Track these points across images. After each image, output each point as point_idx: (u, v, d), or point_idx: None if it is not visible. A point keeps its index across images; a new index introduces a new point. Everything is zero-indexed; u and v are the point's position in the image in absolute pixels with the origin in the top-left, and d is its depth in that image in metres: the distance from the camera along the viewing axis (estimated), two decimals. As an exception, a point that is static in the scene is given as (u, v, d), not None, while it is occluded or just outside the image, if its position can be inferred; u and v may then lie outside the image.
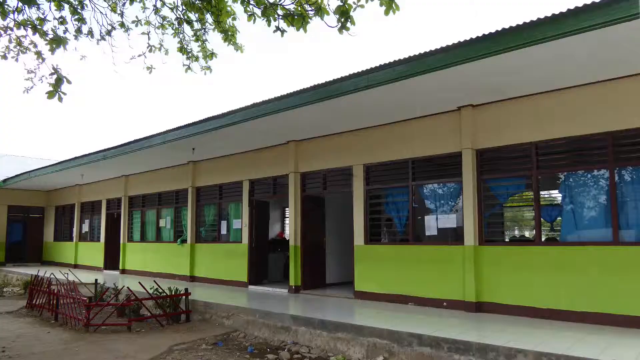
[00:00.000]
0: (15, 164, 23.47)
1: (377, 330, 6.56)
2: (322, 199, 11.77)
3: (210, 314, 9.26)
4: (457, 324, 6.94)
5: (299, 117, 9.26)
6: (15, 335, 8.32)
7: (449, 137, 8.58)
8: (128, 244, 17.04)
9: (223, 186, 13.45)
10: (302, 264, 11.00)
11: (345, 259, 11.77)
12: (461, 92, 7.72)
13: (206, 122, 10.31)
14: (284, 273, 13.22)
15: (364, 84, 7.44)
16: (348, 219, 10.37)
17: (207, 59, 6.88)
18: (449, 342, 5.90)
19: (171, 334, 8.34)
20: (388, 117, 9.21)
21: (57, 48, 5.64)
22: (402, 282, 8.95)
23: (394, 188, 9.58)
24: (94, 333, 8.43)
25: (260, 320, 8.20)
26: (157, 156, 13.62)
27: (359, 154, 9.99)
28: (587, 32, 5.44)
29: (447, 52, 6.49)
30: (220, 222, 13.44)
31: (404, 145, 9.25)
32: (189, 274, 13.87)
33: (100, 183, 18.98)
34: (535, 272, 7.41)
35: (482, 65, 6.48)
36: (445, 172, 8.87)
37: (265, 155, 12.16)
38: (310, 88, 8.21)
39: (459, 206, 8.59)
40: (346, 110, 8.87)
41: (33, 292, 11.24)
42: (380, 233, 10.16)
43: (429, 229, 8.92)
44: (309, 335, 7.33)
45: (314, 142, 10.98)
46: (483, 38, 6.16)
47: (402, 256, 9.05)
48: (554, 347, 5.41)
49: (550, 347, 5.44)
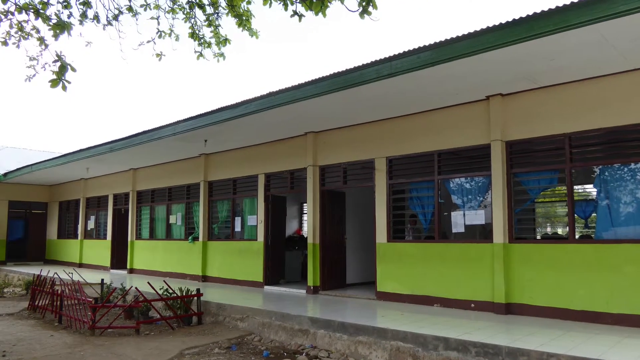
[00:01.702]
0: (16, 157, 24.16)
1: (401, 333, 6.78)
2: (342, 193, 12.15)
3: (224, 316, 9.57)
4: (485, 326, 7.15)
5: (318, 107, 9.62)
6: (16, 339, 8.50)
7: (477, 128, 8.88)
8: (136, 241, 17.67)
9: (237, 180, 13.92)
10: (321, 263, 11.38)
11: (366, 258, 12.13)
12: (490, 80, 7.98)
13: (219, 113, 10.70)
14: (302, 272, 13.66)
15: (387, 72, 7.73)
16: (370, 215, 10.71)
17: (220, 45, 7.03)
18: (477, 345, 6.08)
19: (182, 337, 8.56)
20: (412, 107, 9.53)
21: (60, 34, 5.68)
22: (427, 282, 9.29)
23: (418, 182, 9.93)
24: (100, 336, 8.65)
25: (276, 323, 8.48)
26: (167, 148, 14.10)
27: (381, 146, 10.34)
28: (633, 14, 5.50)
29: (476, 38, 6.73)
30: (234, 218, 13.92)
31: (429, 136, 9.57)
32: (200, 273, 14.39)
33: (107, 177, 19.64)
34: (568, 271, 7.68)
35: (513, 51, 6.72)
36: (473, 165, 9.19)
37: (281, 147, 12.57)
38: (329, 76, 8.53)
39: (488, 201, 8.91)
40: (368, 100, 9.19)
41: (35, 292, 11.59)
42: (403, 230, 10.53)
43: (456, 225, 9.24)
44: (329, 339, 7.57)
45: (334, 134, 11.34)
46: (514, 23, 6.38)
47: (427, 255, 9.39)
48: (589, 352, 5.59)
49: (585, 351, 5.62)
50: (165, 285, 10.18)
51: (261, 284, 12.66)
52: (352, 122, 10.82)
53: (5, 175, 21.07)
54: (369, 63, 7.95)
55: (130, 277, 16.03)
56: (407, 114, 9.92)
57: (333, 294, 11.04)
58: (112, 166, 17.76)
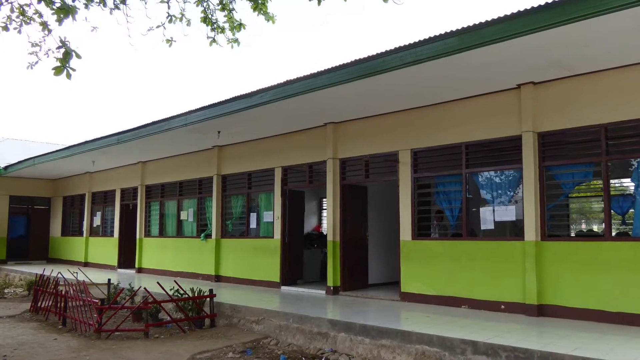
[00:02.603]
0: (17, 149, 24.71)
1: (426, 336, 6.98)
2: (363, 188, 12.50)
3: (238, 318, 9.85)
4: (516, 329, 7.37)
5: (338, 96, 9.94)
6: (17, 343, 8.65)
7: (507, 118, 9.15)
8: (145, 239, 18.23)
9: (252, 174, 14.35)
10: (341, 261, 11.73)
11: (390, 256, 12.44)
12: (521, 67, 8.22)
13: (233, 102, 11.05)
14: (321, 272, 14.05)
15: (411, 59, 7.99)
16: (393, 211, 11.03)
17: (234, 30, 7.23)
18: (507, 349, 6.24)
19: (194, 340, 8.78)
20: (438, 96, 9.83)
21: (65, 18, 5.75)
22: (454, 282, 9.60)
23: (445, 176, 10.23)
24: (107, 340, 8.83)
25: (294, 325, 8.73)
26: (178, 140, 14.54)
27: (405, 138, 10.65)
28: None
29: (505, 23, 6.96)
30: (249, 214, 14.34)
31: (456, 127, 9.86)
32: (213, 273, 14.84)
33: (114, 171, 20.21)
34: (604, 271, 7.92)
35: (545, 37, 6.95)
36: (503, 158, 9.47)
37: (299, 139, 12.93)
38: (350, 63, 8.81)
39: (519, 196, 9.19)
40: (391, 89, 9.50)
41: (38, 293, 11.87)
42: (429, 227, 10.84)
43: (485, 222, 9.53)
44: (350, 342, 7.81)
45: (355, 124, 11.67)
46: (545, 7, 6.59)
47: (455, 253, 9.69)
48: (626, 356, 5.78)
49: (621, 355, 5.80)
50: (176, 285, 10.40)
51: (278, 284, 13.03)
52: (375, 112, 11.13)
53: (6, 168, 21.51)
54: (391, 50, 8.19)
55: (139, 277, 16.54)
56: (432, 103, 10.21)
57: (354, 294, 11.37)
58: (120, 159, 18.26)
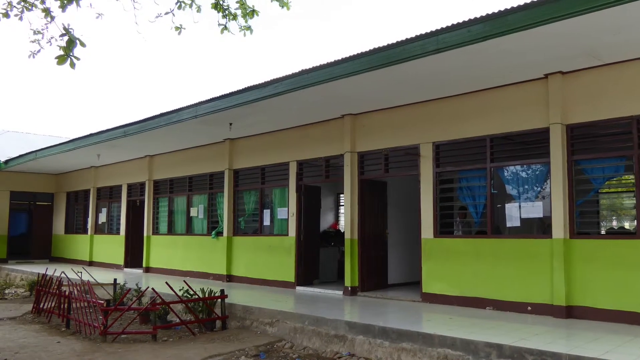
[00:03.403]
0: (19, 142, 25.31)
1: (449, 339, 7.17)
2: (383, 183, 12.80)
3: (251, 320, 10.11)
4: (543, 331, 7.58)
5: (356, 86, 10.22)
6: (18, 346, 8.80)
7: (534, 110, 9.38)
8: (153, 237, 18.72)
9: (266, 168, 14.70)
10: (359, 260, 12.03)
11: (410, 255, 12.75)
12: (549, 56, 8.44)
13: (246, 93, 11.35)
14: (338, 271, 14.36)
15: (433, 47, 8.24)
16: (414, 208, 11.35)
17: (247, 17, 7.33)
18: (534, 353, 6.39)
19: (204, 343, 8.95)
20: (461, 86, 10.09)
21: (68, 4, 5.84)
22: (478, 283, 9.87)
23: (468, 171, 10.52)
24: (113, 343, 9.00)
25: (310, 328, 8.95)
26: (188, 133, 14.93)
27: (427, 131, 10.92)
28: None
29: (532, 9, 7.17)
30: (263, 211, 14.69)
31: (480, 119, 10.11)
32: (225, 272, 15.25)
33: (120, 165, 20.70)
34: (636, 270, 8.13)
35: (574, 24, 7.13)
36: (529, 151, 9.73)
37: (315, 131, 13.25)
38: (369, 52, 9.07)
39: (546, 192, 9.42)
40: (412, 79, 9.77)
41: (40, 294, 12.12)
42: (452, 224, 11.16)
43: (511, 219, 9.78)
44: (368, 346, 8.00)
45: (374, 116, 11.96)
46: (576, -9, 6.79)
47: (479, 251, 9.96)
48: None
49: None
50: (186, 285, 10.59)
51: (293, 284, 13.36)
52: (395, 104, 11.40)
53: (7, 162, 21.99)
54: (413, 37, 8.45)
55: (147, 277, 16.99)
56: (455, 94, 10.46)
57: (373, 295, 11.67)
58: (126, 153, 18.70)
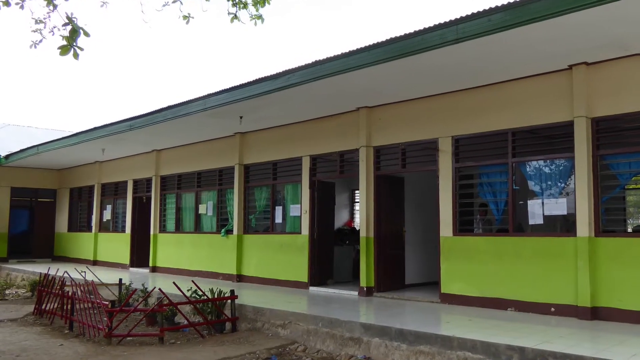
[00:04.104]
0: (20, 136, 25.77)
1: (469, 341, 7.33)
2: (400, 179, 13.05)
3: (262, 322, 10.33)
4: (567, 334, 7.79)
5: (372, 77, 10.45)
6: (20, 349, 8.91)
7: (558, 102, 9.56)
8: (160, 235, 19.10)
9: (278, 163, 14.98)
10: (375, 259, 12.27)
11: (428, 254, 12.89)
12: (573, 46, 8.61)
13: (257, 85, 11.61)
14: (353, 271, 14.57)
15: (453, 37, 8.44)
16: (432, 205, 11.53)
17: (257, 5, 7.58)
18: (557, 356, 6.53)
19: (213, 346, 9.13)
20: (482, 78, 10.29)
21: None
22: (499, 283, 10.08)
23: (489, 166, 10.72)
24: (118, 345, 9.18)
25: (323, 330, 9.15)
26: (197, 126, 15.22)
27: (446, 124, 11.13)
28: None
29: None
30: (275, 208, 14.99)
31: (501, 112, 10.31)
32: (235, 272, 15.55)
33: (126, 160, 21.09)
34: (664, 270, 8.32)
35: (600, 13, 7.27)
36: (553, 145, 9.96)
37: (330, 125, 13.49)
38: (385, 42, 9.29)
39: (570, 188, 9.61)
40: (430, 70, 9.98)
41: (42, 294, 12.30)
42: (472, 222, 11.36)
43: (533, 216, 9.98)
44: (384, 349, 8.18)
45: (391, 109, 12.18)
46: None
47: (500, 250, 10.16)
48: None
49: None
50: (194, 286, 10.77)
51: (306, 284, 13.63)
52: (413, 96, 11.60)
53: (7, 157, 22.43)
54: (431, 27, 8.65)
55: (153, 277, 17.36)
56: (476, 86, 10.65)
57: (390, 296, 11.92)
58: (132, 147, 19.03)
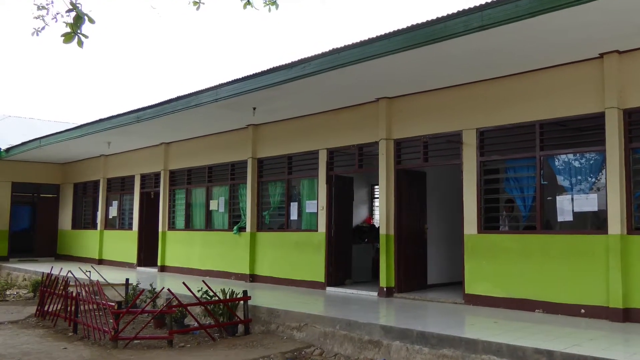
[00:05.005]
0: (21, 128, 26.17)
1: (495, 345, 7.49)
2: (422, 173, 13.28)
3: (277, 324, 10.51)
4: (598, 336, 7.98)
5: (392, 67, 10.68)
6: (21, 352, 9.01)
7: (588, 93, 9.73)
8: (169, 232, 19.45)
9: (293, 157, 15.28)
10: (396, 258, 12.49)
11: (452, 253, 13.14)
12: (604, 34, 8.75)
13: (271, 74, 11.84)
14: (373, 271, 14.87)
15: (477, 24, 8.62)
16: (456, 201, 11.76)
17: None
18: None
19: (225, 350, 9.27)
20: (508, 67, 10.47)
21: None
22: (526, 283, 10.27)
23: (516, 160, 10.91)
24: (125, 349, 9.32)
25: (341, 332, 9.32)
26: (208, 118, 15.51)
27: (470, 116, 11.33)
28: None
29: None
30: (289, 204, 15.25)
31: (529, 103, 10.49)
32: (248, 272, 15.86)
33: (133, 153, 21.49)
34: (701, 269, 8.50)
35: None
36: (583, 138, 10.10)
37: (348, 116, 13.72)
38: (406, 29, 9.48)
39: (601, 183, 9.78)
40: (454, 59, 10.17)
41: (45, 295, 12.55)
42: (498, 218, 11.57)
43: (562, 213, 10.16)
44: (405, 352, 8.34)
45: (412, 100, 12.39)
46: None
47: (527, 249, 10.35)
48: None
49: None
50: (205, 286, 10.89)
51: (322, 284, 13.88)
52: (435, 86, 11.82)
53: (8, 150, 22.77)
54: (455, 13, 8.83)
55: (162, 277, 17.70)
56: (501, 75, 10.84)
57: (411, 296, 12.14)
58: (140, 140, 19.40)
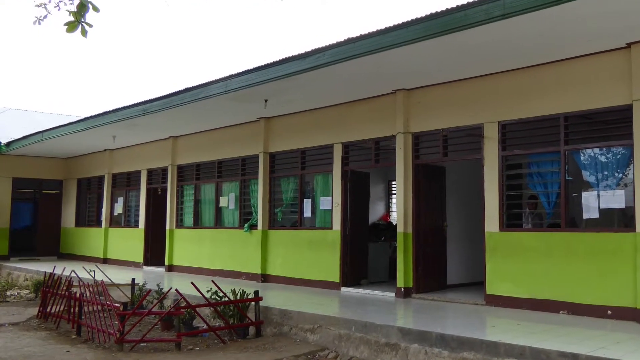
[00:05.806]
0: (22, 122, 26.55)
1: (517, 348, 7.57)
2: (441, 168, 13.45)
3: (289, 326, 10.65)
4: (626, 339, 8.05)
5: (410, 57, 10.87)
6: (22, 356, 9.13)
7: (615, 84, 9.85)
8: (177, 230, 19.76)
9: (306, 152, 15.51)
10: (414, 257, 12.66)
11: (473, 251, 13.37)
12: (632, 22, 8.86)
13: (283, 65, 12.04)
14: (390, 270, 15.02)
15: (499, 12, 8.74)
16: (477, 197, 11.96)
17: None
18: None
19: (235, 353, 9.36)
20: (531, 57, 10.62)
21: None
22: (550, 283, 10.41)
23: (539, 154, 11.08)
24: (131, 352, 9.38)
25: (357, 335, 9.43)
26: (217, 111, 15.74)
27: (491, 108, 11.48)
28: None
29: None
30: (303, 200, 15.49)
31: (553, 95, 10.63)
32: (259, 271, 16.09)
33: (139, 147, 21.81)
34: None
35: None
36: (609, 132, 10.22)
37: (363, 109, 13.91)
38: (425, 18, 9.64)
39: (629, 179, 9.93)
40: (475, 49, 10.32)
41: (47, 296, 12.70)
42: (521, 216, 11.73)
43: (588, 209, 10.28)
44: (424, 355, 8.41)
45: (431, 92, 12.58)
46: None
47: (551, 247, 10.50)
48: None
49: None
50: (214, 286, 11.04)
51: (337, 284, 14.08)
52: (455, 77, 11.99)
53: (9, 145, 23.13)
54: (476, 1, 8.94)
55: (169, 276, 18.03)
56: (524, 66, 10.98)
57: (430, 297, 12.33)
58: (147, 133, 19.72)
